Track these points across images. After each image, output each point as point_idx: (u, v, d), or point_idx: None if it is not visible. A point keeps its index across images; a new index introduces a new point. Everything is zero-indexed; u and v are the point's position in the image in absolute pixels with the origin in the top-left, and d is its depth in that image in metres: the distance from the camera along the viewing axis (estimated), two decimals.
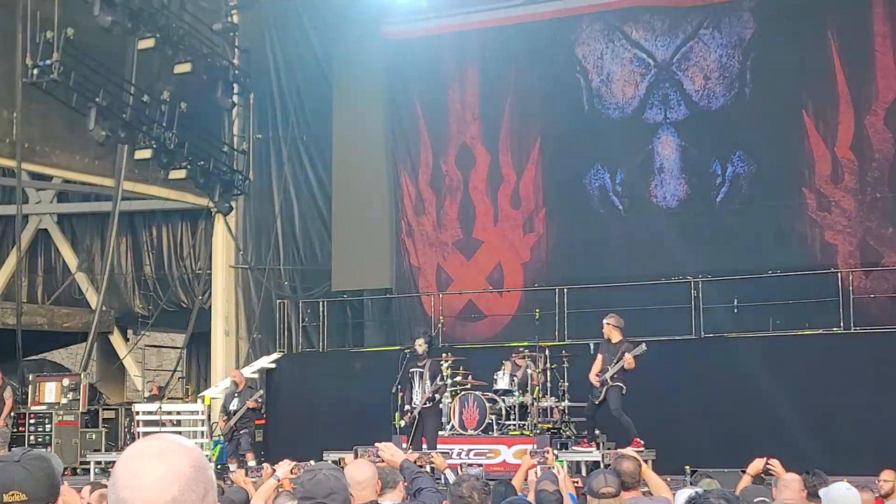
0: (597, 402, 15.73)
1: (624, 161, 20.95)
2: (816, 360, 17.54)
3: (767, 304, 18.63)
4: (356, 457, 12.66)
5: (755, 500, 6.82)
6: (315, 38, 23.83)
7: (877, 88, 19.24)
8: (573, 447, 15.96)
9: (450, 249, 22.14)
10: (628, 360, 15.36)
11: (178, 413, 21.73)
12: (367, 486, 5.25)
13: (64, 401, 20.94)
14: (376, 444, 6.68)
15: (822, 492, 7.11)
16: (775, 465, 8.58)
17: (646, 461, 10.45)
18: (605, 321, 15.83)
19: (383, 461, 6.46)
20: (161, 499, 2.05)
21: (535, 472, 8.53)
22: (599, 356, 15.77)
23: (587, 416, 16.13)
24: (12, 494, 3.06)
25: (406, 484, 6.22)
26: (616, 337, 15.70)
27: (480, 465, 11.71)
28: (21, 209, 23.16)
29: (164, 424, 19.64)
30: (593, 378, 15.59)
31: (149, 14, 20.29)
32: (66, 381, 21.27)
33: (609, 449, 15.35)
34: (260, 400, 19.01)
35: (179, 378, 25.79)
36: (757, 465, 8.75)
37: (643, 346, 15.53)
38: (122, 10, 19.65)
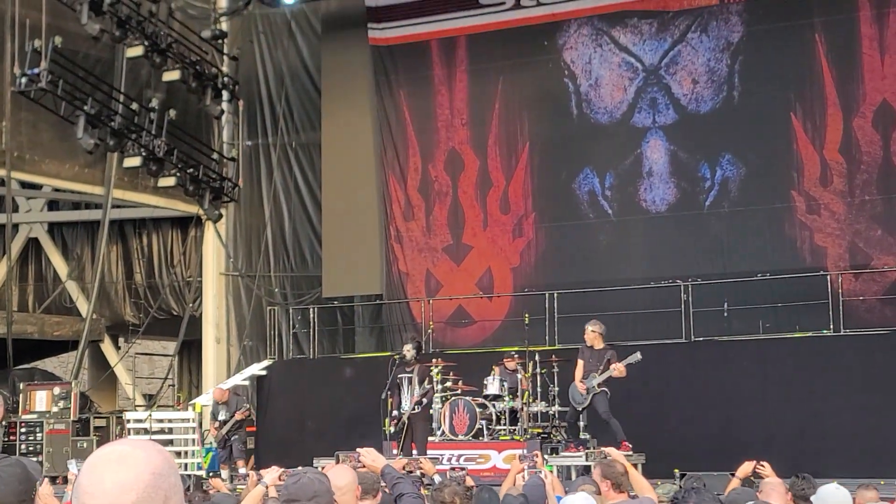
0: (580, 410, 15.74)
1: (613, 165, 20.97)
2: (806, 363, 17.56)
3: (757, 308, 18.67)
4: (338, 462, 12.65)
5: None
6: (303, 44, 23.91)
7: (864, 90, 19.27)
8: (563, 452, 15.96)
9: (439, 255, 22.14)
10: (619, 369, 15.34)
11: (170, 421, 21.73)
12: (347, 491, 5.26)
13: (55, 409, 20.91)
14: (358, 450, 6.66)
15: (813, 498, 7.09)
16: (765, 468, 8.57)
17: (635, 465, 10.45)
18: (590, 328, 15.76)
19: (364, 466, 6.45)
20: None
21: (523, 477, 8.52)
22: (580, 362, 15.76)
23: (569, 422, 16.14)
24: None
25: (387, 489, 6.22)
26: (599, 344, 15.70)
27: (464, 469, 11.69)
28: (11, 218, 23.16)
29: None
30: (581, 385, 15.59)
31: (137, 22, 20.27)
32: (56, 390, 21.25)
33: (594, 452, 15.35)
34: (247, 410, 18.99)
35: (171, 386, 25.76)
36: (746, 468, 8.74)
37: (637, 355, 15.46)
38: (110, 19, 19.63)
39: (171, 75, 21.38)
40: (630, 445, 14.90)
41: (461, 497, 6.07)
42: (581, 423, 15.92)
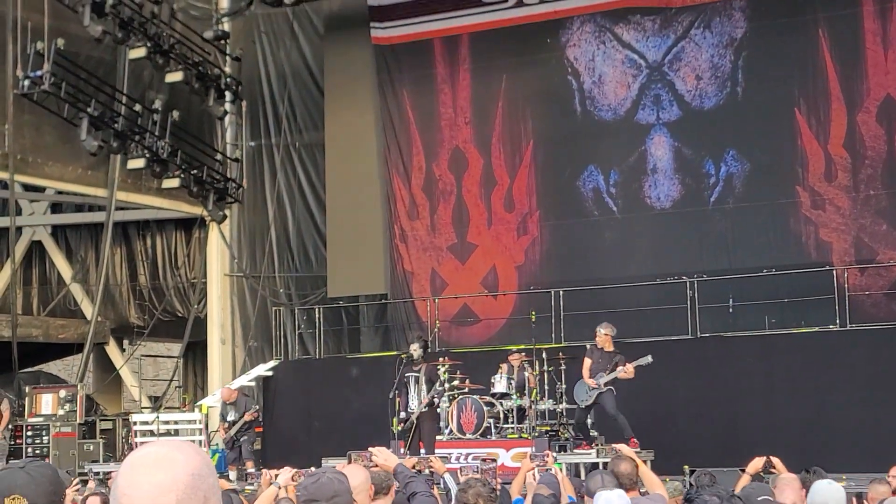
0: (584, 407, 15.74)
1: (617, 162, 20.95)
2: (813, 358, 17.55)
3: (763, 303, 18.67)
4: (350, 461, 12.64)
5: (759, 499, 6.78)
6: (306, 44, 23.88)
7: (868, 86, 19.25)
8: (574, 450, 15.96)
9: (444, 254, 22.12)
10: (628, 370, 15.36)
11: (176, 423, 21.72)
12: (361, 490, 5.25)
13: (61, 412, 20.91)
14: (370, 449, 6.65)
15: (808, 496, 7.07)
16: (776, 463, 8.53)
17: (644, 462, 10.43)
18: (602, 332, 15.78)
19: (377, 466, 6.44)
20: None
21: (533, 475, 8.50)
22: (588, 360, 15.76)
23: (577, 421, 16.14)
24: (13, 499, 3.07)
25: (400, 488, 6.21)
26: (610, 346, 15.73)
27: (495, 461, 11.52)
28: (14, 221, 23.14)
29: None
30: (591, 382, 15.59)
31: (139, 23, 20.26)
32: (62, 393, 21.25)
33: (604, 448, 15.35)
34: (256, 411, 19.02)
35: (176, 388, 25.75)
36: (756, 464, 8.69)
37: (648, 358, 15.49)
38: (113, 20, 19.62)
39: (174, 76, 21.39)
40: (638, 442, 14.89)
41: (485, 498, 6.06)
42: (589, 421, 15.93)
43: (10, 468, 3.17)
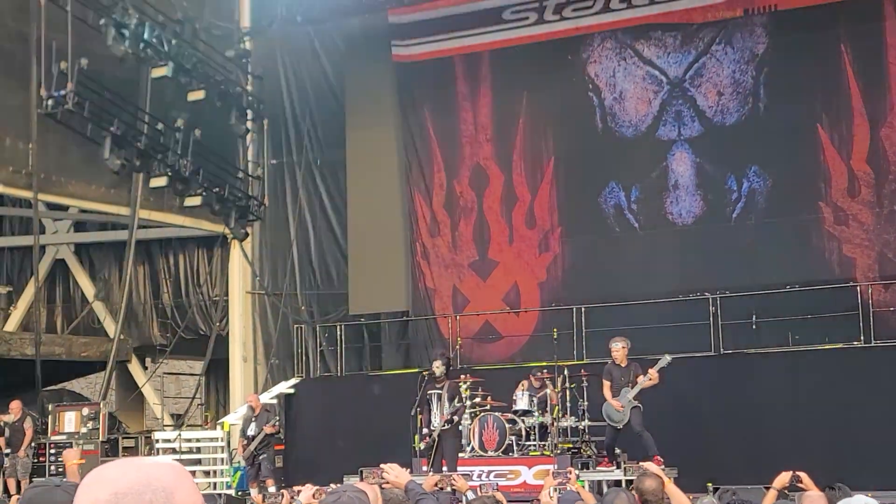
0: (620, 428, 15.64)
1: (639, 178, 20.91)
2: (837, 375, 17.45)
3: (786, 320, 18.56)
4: (362, 479, 12.62)
5: None
6: (327, 62, 23.92)
7: (891, 100, 19.17)
8: (597, 468, 15.90)
9: (465, 271, 22.10)
10: (653, 375, 15.34)
11: (198, 440, 21.75)
12: None
13: (84, 430, 20.96)
14: (382, 466, 6.62)
15: None
16: (804, 478, 8.43)
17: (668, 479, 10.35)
18: (619, 345, 15.75)
19: (388, 483, 6.41)
20: None
21: (557, 491, 8.42)
22: (607, 383, 15.71)
23: (609, 440, 16.05)
24: None
25: None
26: (625, 361, 15.71)
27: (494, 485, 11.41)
28: (38, 240, 23.22)
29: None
30: (616, 403, 15.52)
31: (162, 42, 20.36)
32: (85, 411, 21.32)
33: (630, 465, 15.28)
34: (276, 424, 19.02)
35: (199, 405, 25.79)
36: (783, 478, 8.59)
37: (667, 358, 15.48)
38: (136, 40, 19.72)
39: (196, 95, 21.47)
40: (662, 460, 14.81)
41: (491, 502, 6.04)
42: (616, 442, 15.88)
43: (46, 486, 3.19)
